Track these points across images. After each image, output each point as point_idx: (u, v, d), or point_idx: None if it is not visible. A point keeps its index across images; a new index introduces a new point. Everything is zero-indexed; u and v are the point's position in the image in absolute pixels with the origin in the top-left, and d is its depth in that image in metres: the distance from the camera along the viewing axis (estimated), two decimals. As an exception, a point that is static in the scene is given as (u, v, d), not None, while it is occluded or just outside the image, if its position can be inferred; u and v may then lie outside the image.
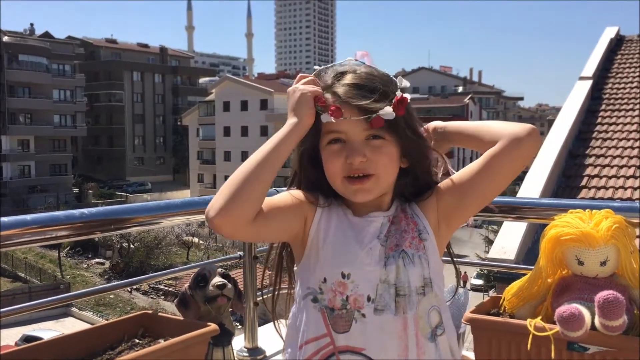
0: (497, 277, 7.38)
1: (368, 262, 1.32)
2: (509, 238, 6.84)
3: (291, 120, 1.33)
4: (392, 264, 1.33)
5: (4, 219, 1.52)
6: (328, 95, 1.34)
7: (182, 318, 2.07)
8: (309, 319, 1.34)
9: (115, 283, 2.91)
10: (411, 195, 1.44)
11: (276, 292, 1.51)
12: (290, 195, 1.39)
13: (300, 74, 1.43)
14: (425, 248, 1.37)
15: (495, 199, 2.14)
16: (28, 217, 1.57)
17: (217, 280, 2.10)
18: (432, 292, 1.36)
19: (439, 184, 1.44)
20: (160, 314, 1.97)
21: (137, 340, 1.83)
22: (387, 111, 1.30)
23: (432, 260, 1.37)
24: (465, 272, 30.50)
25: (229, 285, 2.12)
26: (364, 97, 1.31)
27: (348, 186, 1.34)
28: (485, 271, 22.82)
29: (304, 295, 1.36)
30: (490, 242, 25.32)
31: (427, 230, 1.39)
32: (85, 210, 1.69)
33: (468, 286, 28.28)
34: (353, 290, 1.31)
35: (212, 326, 1.83)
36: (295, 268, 1.45)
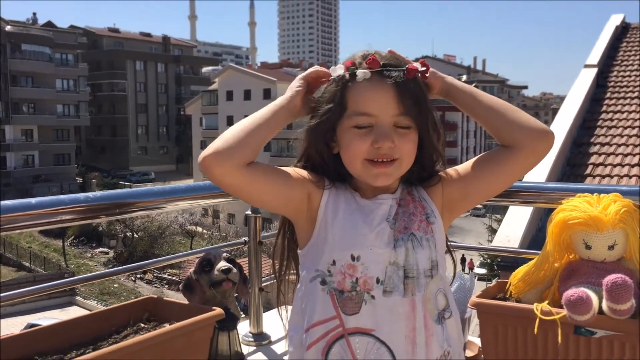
0: (501, 266, 7.37)
1: (377, 244, 1.32)
2: (513, 226, 6.83)
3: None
4: (401, 246, 1.33)
5: (9, 202, 1.52)
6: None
7: (187, 302, 2.07)
8: (316, 302, 1.33)
9: (119, 268, 2.89)
10: (416, 180, 1.44)
11: (282, 277, 1.51)
12: (292, 169, 1.39)
13: (315, 67, 1.45)
14: (433, 231, 1.38)
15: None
16: (33, 200, 1.57)
17: (223, 264, 2.10)
18: (438, 275, 1.37)
19: (446, 172, 1.45)
20: (165, 298, 1.97)
21: (142, 325, 1.83)
22: (417, 65, 1.34)
23: (439, 243, 1.39)
24: (471, 259, 30.59)
25: (234, 270, 2.11)
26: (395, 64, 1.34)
27: (370, 168, 1.33)
28: (488, 260, 22.83)
29: (312, 278, 1.35)
30: (493, 231, 25.29)
31: (435, 214, 1.41)
32: (90, 194, 1.69)
33: (477, 269, 28.39)
34: (363, 272, 1.31)
35: (218, 310, 1.82)
36: (299, 251, 1.44)
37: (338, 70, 1.36)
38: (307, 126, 1.39)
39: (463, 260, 30.39)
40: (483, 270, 26.79)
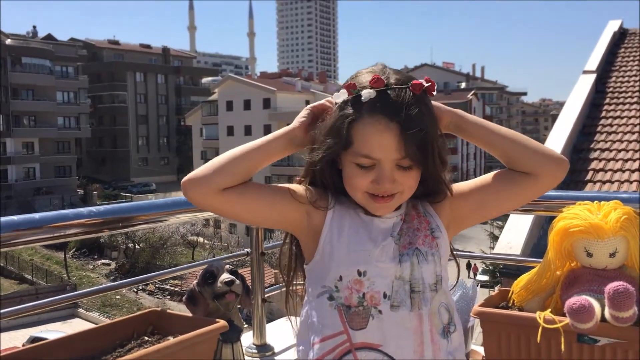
0: (503, 273, 7.37)
1: (383, 259, 1.33)
2: (515, 233, 6.82)
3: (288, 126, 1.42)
4: (406, 260, 1.34)
5: (13, 217, 1.53)
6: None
7: (190, 315, 2.08)
8: (324, 317, 1.34)
9: (121, 282, 2.89)
10: (421, 195, 1.44)
11: (289, 288, 1.52)
12: (291, 187, 1.40)
13: (324, 100, 1.46)
14: (438, 246, 1.39)
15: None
16: (36, 215, 1.57)
17: (225, 276, 2.10)
18: (442, 289, 1.38)
19: (455, 186, 1.45)
20: (168, 311, 1.97)
21: (146, 338, 1.83)
22: (422, 81, 1.34)
23: (444, 258, 1.40)
24: (475, 264, 30.63)
25: (237, 282, 2.11)
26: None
27: (370, 202, 1.34)
28: (490, 267, 22.77)
29: (318, 294, 1.36)
30: (495, 238, 25.25)
31: (440, 229, 1.42)
32: (93, 209, 1.70)
33: (479, 276, 28.39)
34: (369, 288, 1.31)
35: (221, 322, 1.82)
36: (305, 266, 1.44)
37: (342, 96, 1.34)
38: (310, 155, 1.39)
39: (469, 265, 30.59)
40: (485, 277, 26.72)
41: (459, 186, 1.47)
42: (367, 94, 1.30)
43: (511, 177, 1.46)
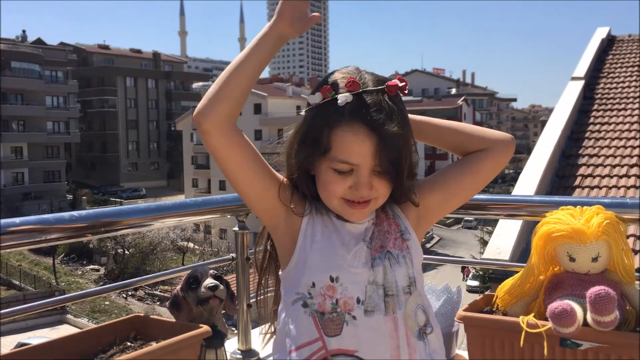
0: (492, 278, 7.39)
1: (355, 264, 1.33)
2: (504, 238, 6.84)
3: (271, 22, 1.33)
4: (379, 265, 1.34)
5: (-7, 221, 1.51)
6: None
7: (174, 320, 2.06)
8: (299, 324, 1.33)
9: (108, 286, 2.87)
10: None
11: (263, 295, 1.51)
12: (280, 177, 1.40)
13: None
14: (408, 248, 1.39)
15: (488, 196, 2.15)
16: (17, 219, 1.56)
17: (209, 281, 2.10)
18: (416, 291, 1.38)
19: (417, 184, 1.45)
20: (152, 316, 1.96)
21: (129, 343, 1.82)
22: (396, 81, 1.34)
23: (415, 259, 1.40)
24: (467, 267, 30.79)
25: (221, 287, 2.11)
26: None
27: (346, 208, 1.34)
28: (480, 272, 22.82)
29: (293, 301, 1.35)
30: (485, 243, 25.33)
31: (409, 231, 1.42)
32: (75, 213, 1.68)
33: (469, 281, 28.50)
34: (342, 294, 1.31)
35: (205, 328, 1.82)
36: (280, 272, 1.44)
37: (316, 99, 1.33)
38: (287, 161, 1.39)
39: (463, 268, 30.82)
40: (475, 282, 26.79)
41: (421, 183, 1.47)
42: (343, 98, 1.29)
43: (467, 160, 1.50)
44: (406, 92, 1.37)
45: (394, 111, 1.30)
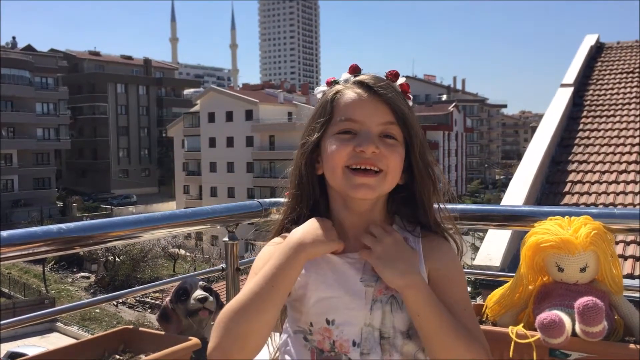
0: (482, 284, 7.39)
1: (352, 306, 1.28)
2: (495, 245, 6.87)
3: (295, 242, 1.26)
4: (378, 308, 1.28)
5: (-21, 235, 1.50)
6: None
7: (163, 332, 2.05)
8: (299, 354, 1.33)
9: (99, 297, 2.86)
10: (405, 217, 1.39)
11: None
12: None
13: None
14: None
15: (477, 206, 2.16)
16: (4, 233, 1.54)
17: (199, 293, 2.09)
18: (417, 336, 1.30)
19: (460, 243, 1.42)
20: (141, 329, 1.95)
21: (117, 357, 1.80)
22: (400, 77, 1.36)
23: None
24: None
25: (211, 298, 2.10)
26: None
27: (351, 178, 1.27)
28: (472, 278, 22.87)
29: (295, 331, 1.35)
30: (476, 249, 25.40)
31: (422, 274, 1.32)
32: (63, 226, 1.67)
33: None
34: (338, 336, 1.28)
35: (194, 340, 1.81)
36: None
37: (321, 89, 1.38)
38: (301, 144, 1.38)
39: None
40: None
41: (447, 273, 1.37)
42: (345, 76, 1.35)
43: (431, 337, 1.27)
44: (410, 96, 1.37)
45: (396, 89, 1.33)
